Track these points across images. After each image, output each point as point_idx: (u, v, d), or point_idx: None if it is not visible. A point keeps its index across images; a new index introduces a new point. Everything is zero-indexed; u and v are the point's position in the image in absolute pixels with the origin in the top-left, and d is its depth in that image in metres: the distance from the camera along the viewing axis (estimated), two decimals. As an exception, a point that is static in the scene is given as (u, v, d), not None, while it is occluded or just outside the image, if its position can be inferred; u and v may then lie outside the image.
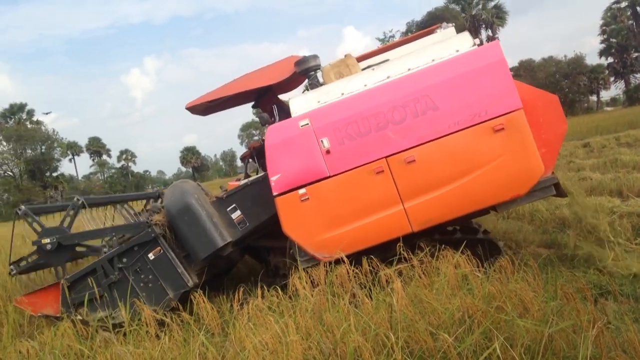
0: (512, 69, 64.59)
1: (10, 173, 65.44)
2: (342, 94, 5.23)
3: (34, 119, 71.50)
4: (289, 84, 6.65)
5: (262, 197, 5.44)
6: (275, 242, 5.76)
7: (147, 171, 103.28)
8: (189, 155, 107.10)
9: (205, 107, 6.35)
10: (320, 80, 5.85)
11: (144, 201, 7.36)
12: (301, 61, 5.79)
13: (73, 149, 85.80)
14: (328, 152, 5.03)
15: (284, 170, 5.07)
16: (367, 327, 3.36)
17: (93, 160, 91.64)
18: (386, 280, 4.25)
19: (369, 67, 5.70)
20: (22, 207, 5.46)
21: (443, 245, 4.64)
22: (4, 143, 64.97)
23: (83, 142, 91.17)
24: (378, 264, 4.63)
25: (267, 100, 6.48)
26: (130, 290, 5.20)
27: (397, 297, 3.50)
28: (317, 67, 5.83)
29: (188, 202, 5.42)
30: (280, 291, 4.67)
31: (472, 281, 3.87)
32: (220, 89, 6.10)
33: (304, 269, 4.93)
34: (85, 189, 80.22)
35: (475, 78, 4.90)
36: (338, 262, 4.82)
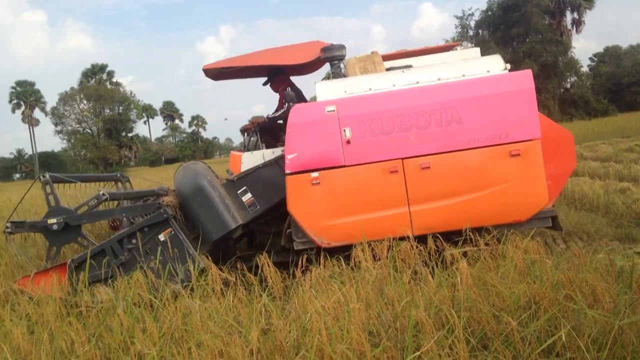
0: (596, 55, 61.61)
1: (89, 130, 68.46)
2: (370, 89, 5.28)
3: (114, 80, 74.23)
4: (303, 69, 6.69)
5: (273, 180, 5.50)
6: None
7: (215, 138, 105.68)
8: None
9: (218, 72, 6.46)
10: (343, 71, 5.89)
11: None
12: (328, 48, 5.84)
13: (148, 111, 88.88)
14: (348, 142, 5.12)
15: (301, 151, 5.15)
16: (429, 304, 3.37)
17: (166, 123, 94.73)
18: (450, 261, 4.24)
19: (391, 68, 5.80)
20: (47, 175, 5.42)
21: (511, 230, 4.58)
22: (85, 101, 67.96)
23: (157, 105, 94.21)
24: (443, 243, 4.61)
25: (280, 79, 6.57)
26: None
27: (461, 276, 3.48)
28: (342, 57, 5.87)
29: (201, 183, 5.47)
30: (342, 261, 4.73)
31: (540, 268, 3.79)
32: (239, 57, 6.20)
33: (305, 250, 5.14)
34: (157, 151, 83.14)
35: (503, 101, 5.03)
36: (339, 249, 4.98)
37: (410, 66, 5.74)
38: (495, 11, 48.85)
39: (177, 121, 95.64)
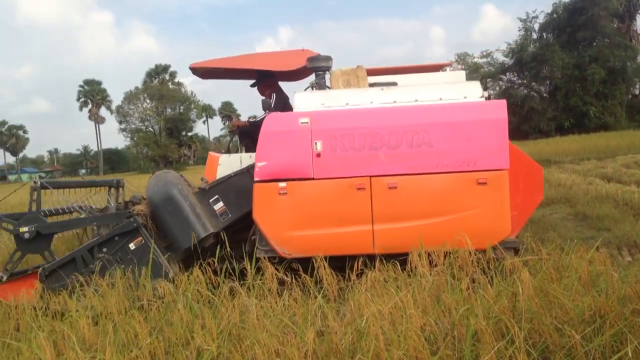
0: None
1: (151, 129, 70.67)
2: (347, 103, 5.28)
3: (176, 80, 76.38)
4: (292, 75, 6.69)
5: (245, 189, 5.44)
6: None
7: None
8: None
9: (206, 72, 6.54)
10: (327, 82, 5.86)
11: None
12: (314, 58, 5.86)
13: (207, 111, 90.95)
14: (318, 155, 5.13)
15: (271, 160, 5.20)
16: (488, 313, 3.30)
17: (224, 123, 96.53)
18: (510, 270, 4.14)
19: (375, 84, 5.76)
20: (38, 181, 5.48)
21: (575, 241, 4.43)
22: (148, 101, 70.20)
23: (216, 105, 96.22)
24: (502, 252, 4.51)
25: (267, 84, 6.54)
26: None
27: (523, 287, 3.39)
28: (327, 69, 5.86)
29: (171, 192, 5.44)
30: (398, 266, 4.70)
31: (605, 280, 3.65)
32: (227, 59, 6.29)
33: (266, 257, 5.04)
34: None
35: (474, 128, 5.03)
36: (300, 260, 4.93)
37: (395, 83, 5.76)
38: (561, 14, 47.43)
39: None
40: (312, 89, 5.86)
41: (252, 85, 6.80)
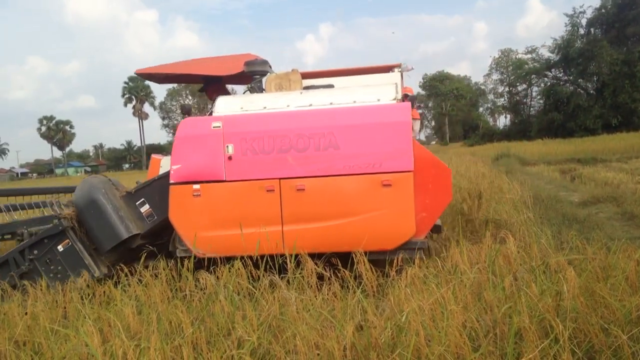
0: None
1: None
2: (265, 107, 5.45)
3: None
4: (240, 79, 6.74)
5: (168, 192, 5.50)
6: None
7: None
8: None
9: (152, 76, 6.73)
10: (264, 86, 5.95)
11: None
12: (250, 62, 6.06)
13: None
14: (230, 158, 5.28)
15: (185, 163, 5.36)
16: (531, 311, 3.24)
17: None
18: (554, 269, 4.06)
19: (311, 86, 5.93)
20: None
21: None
22: (190, 97, 71.26)
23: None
24: (549, 249, 4.42)
25: (214, 88, 6.62)
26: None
27: (568, 286, 3.31)
28: (263, 73, 6.06)
29: (94, 196, 5.61)
30: (439, 263, 4.66)
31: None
32: (173, 64, 6.50)
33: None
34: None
35: (379, 131, 5.09)
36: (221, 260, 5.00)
37: (331, 86, 5.89)
38: (610, 9, 46.04)
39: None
40: (248, 92, 6.04)
41: (200, 90, 6.97)
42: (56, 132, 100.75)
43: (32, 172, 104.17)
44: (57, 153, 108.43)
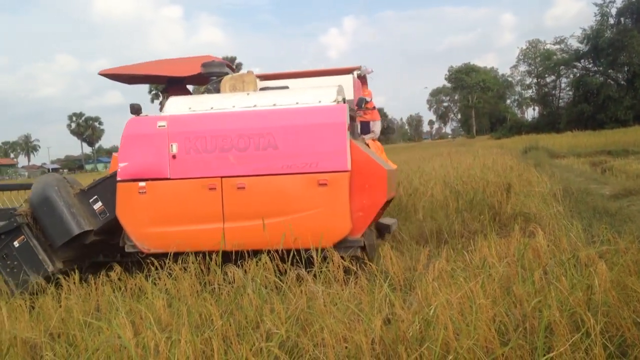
0: None
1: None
2: (212, 108, 5.56)
3: (242, 71, 77.71)
4: (201, 80, 6.87)
5: None
6: None
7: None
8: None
9: (116, 76, 6.93)
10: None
11: None
12: (207, 64, 6.23)
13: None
14: (174, 157, 5.41)
15: (131, 161, 5.50)
16: (562, 305, 3.20)
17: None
18: (584, 263, 4.00)
19: (267, 88, 6.13)
20: None
21: None
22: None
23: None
24: (579, 243, 4.36)
25: (176, 88, 6.74)
26: None
27: (599, 279, 3.27)
28: (221, 74, 6.15)
29: (47, 194, 5.70)
30: (467, 257, 4.64)
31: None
32: (136, 65, 6.71)
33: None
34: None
35: (315, 132, 5.24)
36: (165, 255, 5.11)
37: (286, 87, 6.05)
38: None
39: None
40: (205, 92, 6.17)
41: (163, 91, 7.08)
42: (85, 128, 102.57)
43: (63, 168, 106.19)
44: (87, 149, 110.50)
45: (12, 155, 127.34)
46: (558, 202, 7.41)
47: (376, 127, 7.58)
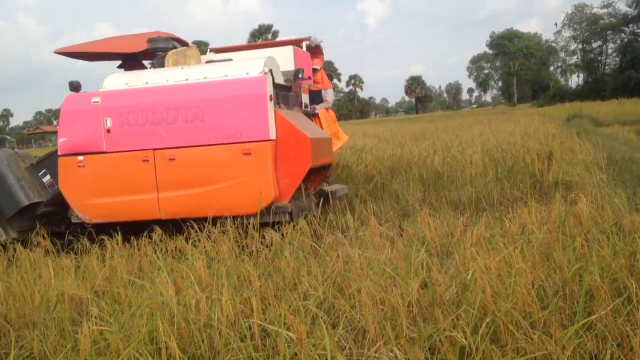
0: None
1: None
2: (147, 83, 5.74)
3: (278, 39, 77.55)
4: (152, 56, 6.87)
5: None
6: None
7: (372, 98, 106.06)
8: (414, 85, 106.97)
9: (72, 54, 7.14)
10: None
11: None
12: (153, 39, 6.36)
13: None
14: (109, 131, 5.64)
15: (70, 136, 5.76)
16: (603, 272, 3.15)
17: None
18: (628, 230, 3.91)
19: (211, 61, 6.31)
20: None
21: None
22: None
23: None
24: (622, 210, 4.26)
25: (131, 64, 6.83)
26: None
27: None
28: (166, 49, 6.27)
29: None
30: (506, 223, 4.58)
31: None
32: (90, 43, 7.00)
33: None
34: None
35: (239, 103, 5.43)
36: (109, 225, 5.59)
37: (230, 60, 6.20)
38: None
39: (335, 80, 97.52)
40: (153, 68, 6.36)
41: (119, 67, 7.13)
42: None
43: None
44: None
45: (54, 123, 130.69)
46: (601, 170, 7.22)
47: (328, 95, 7.79)
